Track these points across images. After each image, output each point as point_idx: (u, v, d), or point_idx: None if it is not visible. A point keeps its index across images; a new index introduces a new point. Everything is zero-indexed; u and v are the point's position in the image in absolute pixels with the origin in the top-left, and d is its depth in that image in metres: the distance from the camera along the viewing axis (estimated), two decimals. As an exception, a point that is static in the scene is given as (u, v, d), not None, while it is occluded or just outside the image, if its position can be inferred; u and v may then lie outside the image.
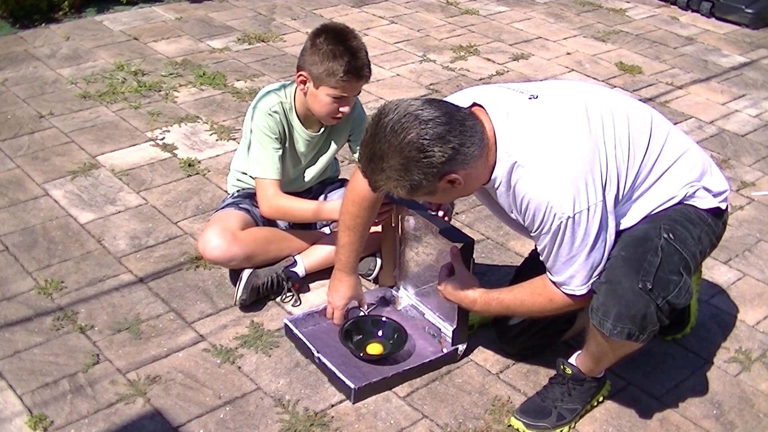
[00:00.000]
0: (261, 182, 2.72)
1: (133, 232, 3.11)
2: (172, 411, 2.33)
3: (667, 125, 2.19)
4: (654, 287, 2.01)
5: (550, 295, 2.15)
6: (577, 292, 2.08)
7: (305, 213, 2.75)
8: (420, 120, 1.88)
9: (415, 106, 1.91)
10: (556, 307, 2.16)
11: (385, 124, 1.90)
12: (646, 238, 2.07)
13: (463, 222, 3.26)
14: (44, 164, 3.53)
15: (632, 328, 2.02)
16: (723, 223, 2.26)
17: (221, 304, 2.75)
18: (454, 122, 1.90)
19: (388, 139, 1.89)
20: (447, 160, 1.90)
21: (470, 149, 1.93)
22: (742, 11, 5.49)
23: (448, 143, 1.89)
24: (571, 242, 2.00)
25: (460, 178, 1.95)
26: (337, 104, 2.63)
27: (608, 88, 2.24)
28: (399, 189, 1.96)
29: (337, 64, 2.54)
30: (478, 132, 1.95)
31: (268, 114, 2.68)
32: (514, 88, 2.11)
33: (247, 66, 4.56)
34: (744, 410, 2.43)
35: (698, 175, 2.16)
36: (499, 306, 2.26)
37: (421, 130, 1.87)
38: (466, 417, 2.35)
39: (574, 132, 2.00)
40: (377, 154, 1.92)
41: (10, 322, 2.63)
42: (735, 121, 4.21)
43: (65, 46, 4.72)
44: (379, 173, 1.94)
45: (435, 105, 1.92)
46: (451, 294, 2.31)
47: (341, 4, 5.59)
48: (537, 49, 4.99)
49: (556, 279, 2.10)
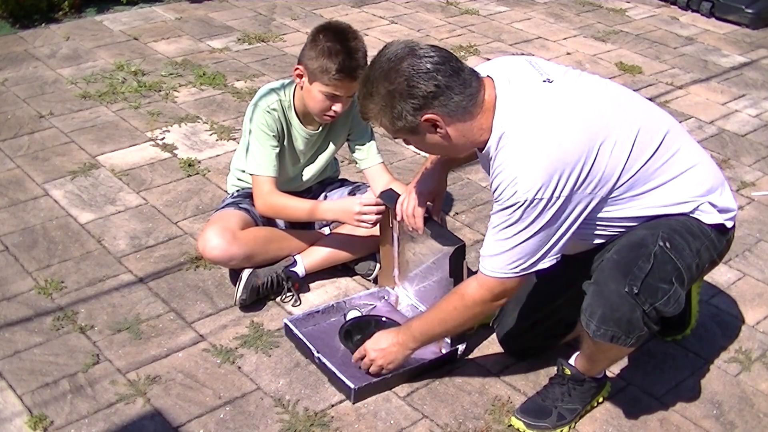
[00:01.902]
0: (257, 179, 2.72)
1: (133, 232, 3.11)
2: (172, 411, 2.33)
3: (684, 140, 2.16)
4: (641, 292, 1.99)
5: (462, 291, 2.17)
6: (494, 273, 2.07)
7: (300, 212, 2.74)
8: (415, 54, 1.97)
9: (417, 44, 2.01)
10: (468, 302, 2.16)
11: (384, 53, 2.02)
12: (642, 244, 2.06)
13: (462, 222, 3.26)
14: (44, 164, 3.53)
15: (616, 331, 2.02)
16: (727, 241, 2.24)
17: (221, 304, 2.75)
18: (447, 66, 1.97)
19: (382, 66, 2.00)
20: (429, 96, 1.96)
21: (457, 97, 1.97)
22: (742, 11, 5.49)
23: (434, 80, 1.96)
24: (513, 222, 1.99)
25: (441, 121, 2.00)
26: (329, 102, 2.63)
27: (635, 93, 2.23)
28: (383, 118, 2.03)
29: (331, 62, 2.54)
30: (472, 88, 2.00)
31: (266, 111, 2.68)
32: (537, 67, 2.11)
33: (247, 66, 4.56)
34: (744, 410, 2.43)
35: (704, 191, 2.14)
36: (423, 327, 2.29)
37: (413, 61, 1.96)
38: (466, 417, 2.35)
39: (571, 122, 1.99)
40: (370, 79, 2.02)
41: (10, 322, 2.63)
42: (735, 121, 4.21)
43: (65, 46, 4.72)
44: (368, 98, 2.03)
45: (436, 49, 2.00)
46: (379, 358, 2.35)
47: (341, 4, 5.60)
48: (537, 49, 4.99)
49: (484, 251, 2.09)
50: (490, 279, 2.09)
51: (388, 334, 2.36)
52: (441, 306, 2.25)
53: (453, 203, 3.37)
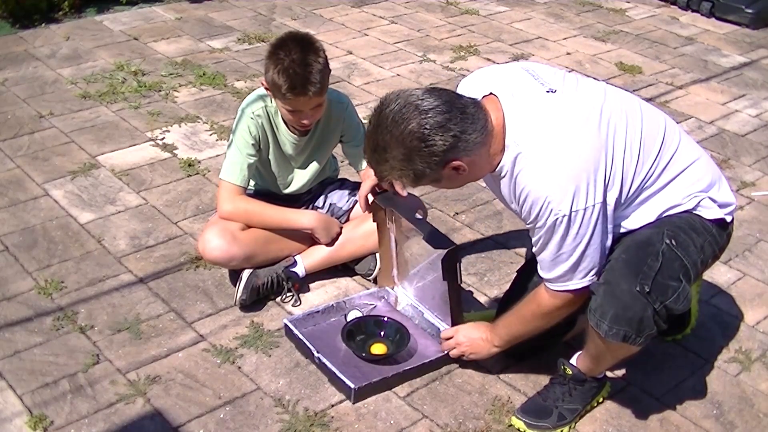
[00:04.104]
0: (222, 184, 2.72)
1: (133, 232, 3.11)
2: (172, 411, 2.33)
3: (680, 134, 2.18)
4: (652, 291, 2.00)
5: (538, 300, 2.18)
6: (563, 288, 2.09)
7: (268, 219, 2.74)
8: (420, 110, 1.91)
9: (415, 96, 1.94)
10: (544, 311, 2.18)
11: (387, 115, 1.94)
12: (649, 243, 2.07)
13: (463, 222, 3.26)
14: (44, 164, 3.53)
15: (628, 330, 2.02)
16: (727, 235, 2.25)
17: (221, 304, 2.74)
18: (454, 110, 1.93)
19: (390, 130, 1.93)
20: (449, 148, 1.93)
21: (472, 136, 1.94)
22: (742, 11, 5.48)
23: (449, 131, 1.92)
24: (563, 239, 2.00)
25: (464, 164, 1.97)
26: (296, 116, 2.62)
27: (628, 92, 2.23)
28: (404, 178, 1.99)
29: (281, 79, 2.51)
30: (481, 119, 1.97)
31: (250, 118, 2.68)
32: (537, 77, 2.10)
33: (247, 66, 4.56)
34: (744, 410, 2.43)
35: (705, 186, 2.15)
36: (507, 329, 2.31)
37: (421, 120, 1.91)
38: (466, 417, 2.35)
39: (584, 130, 2.00)
40: (380, 145, 1.96)
41: (10, 322, 2.63)
42: (735, 121, 4.21)
43: (65, 46, 4.72)
44: (384, 164, 1.98)
45: (435, 94, 1.95)
46: (466, 345, 2.40)
47: (341, 4, 5.59)
48: (537, 49, 4.99)
49: (544, 275, 2.11)
50: (561, 292, 2.11)
51: (480, 327, 2.40)
52: (519, 311, 2.26)
53: (453, 203, 3.37)
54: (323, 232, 2.77)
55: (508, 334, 2.32)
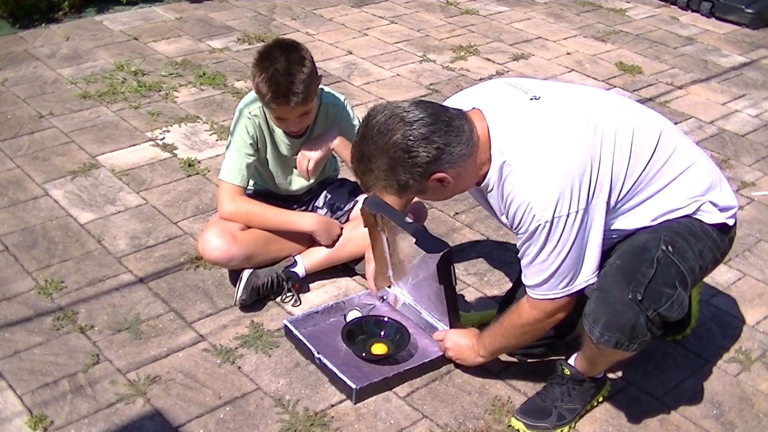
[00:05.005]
0: (222, 184, 2.73)
1: (133, 232, 3.11)
2: (172, 411, 2.33)
3: (678, 139, 2.16)
4: (644, 298, 1.99)
5: (519, 310, 2.18)
6: (543, 296, 2.08)
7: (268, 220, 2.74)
8: (405, 121, 1.93)
9: (402, 108, 1.95)
10: (524, 321, 2.18)
11: (373, 126, 1.95)
12: (644, 249, 2.06)
13: (463, 222, 3.26)
14: (44, 164, 3.53)
15: (620, 337, 2.02)
16: (729, 239, 2.23)
17: (221, 304, 2.74)
18: (439, 123, 1.94)
19: (375, 141, 1.94)
20: (432, 160, 1.94)
21: (456, 149, 1.95)
22: (742, 11, 5.49)
23: (433, 143, 1.92)
24: (543, 246, 2.00)
25: (448, 177, 1.98)
26: (282, 123, 2.63)
27: (621, 96, 2.23)
28: (388, 189, 2.00)
29: (263, 88, 2.51)
30: (466, 132, 1.97)
31: (247, 118, 2.68)
32: (519, 87, 2.11)
33: (247, 66, 4.55)
34: (744, 410, 2.43)
35: (704, 190, 2.14)
36: (492, 339, 2.32)
37: (406, 131, 1.92)
38: (466, 417, 2.35)
39: (569, 136, 2.00)
40: (366, 155, 1.97)
41: (10, 322, 2.63)
42: (735, 121, 4.21)
43: (65, 46, 4.72)
44: (369, 174, 1.99)
45: (422, 106, 1.96)
46: (453, 350, 2.43)
47: (341, 4, 5.60)
48: (537, 49, 4.99)
49: (526, 281, 2.11)
50: (540, 301, 2.10)
51: (468, 334, 2.42)
52: (502, 322, 2.27)
53: (453, 203, 3.37)
54: (324, 235, 2.78)
55: (492, 345, 2.33)
